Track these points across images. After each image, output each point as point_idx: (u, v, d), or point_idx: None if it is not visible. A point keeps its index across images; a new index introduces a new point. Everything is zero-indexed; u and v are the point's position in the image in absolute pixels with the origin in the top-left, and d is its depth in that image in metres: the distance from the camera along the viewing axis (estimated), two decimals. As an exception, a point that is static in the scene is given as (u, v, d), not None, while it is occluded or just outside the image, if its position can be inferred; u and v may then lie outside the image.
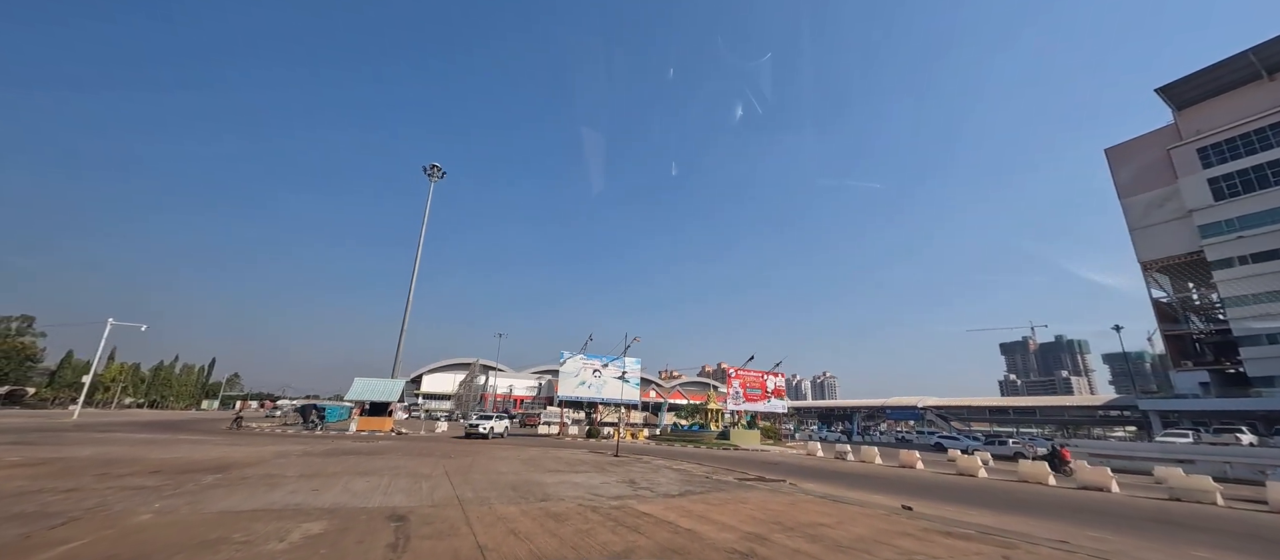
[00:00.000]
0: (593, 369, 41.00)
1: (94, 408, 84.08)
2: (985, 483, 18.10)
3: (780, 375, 48.69)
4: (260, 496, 8.77)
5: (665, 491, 11.49)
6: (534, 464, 16.53)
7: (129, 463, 12.59)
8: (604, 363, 41.48)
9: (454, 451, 20.60)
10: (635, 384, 42.29)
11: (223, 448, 18.23)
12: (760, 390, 46.83)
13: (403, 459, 16.44)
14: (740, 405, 45.44)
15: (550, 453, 22.46)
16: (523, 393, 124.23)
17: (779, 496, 11.47)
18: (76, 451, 14.85)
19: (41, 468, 11.27)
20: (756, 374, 47.40)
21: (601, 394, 40.56)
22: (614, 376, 41.33)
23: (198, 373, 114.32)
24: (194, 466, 12.40)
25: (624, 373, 41.92)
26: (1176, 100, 62.79)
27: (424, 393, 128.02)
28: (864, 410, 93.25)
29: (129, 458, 13.74)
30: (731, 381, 45.90)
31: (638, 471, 15.64)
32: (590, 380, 40.71)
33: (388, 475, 12.16)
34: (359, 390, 37.08)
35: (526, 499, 9.70)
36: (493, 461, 16.87)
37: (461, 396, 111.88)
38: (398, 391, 37.94)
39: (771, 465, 21.88)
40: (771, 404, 47.01)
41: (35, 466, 11.42)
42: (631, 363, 42.31)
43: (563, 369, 40.25)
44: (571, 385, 40.28)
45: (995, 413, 79.91)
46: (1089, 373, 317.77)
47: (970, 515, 10.86)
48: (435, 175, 46.79)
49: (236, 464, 13.25)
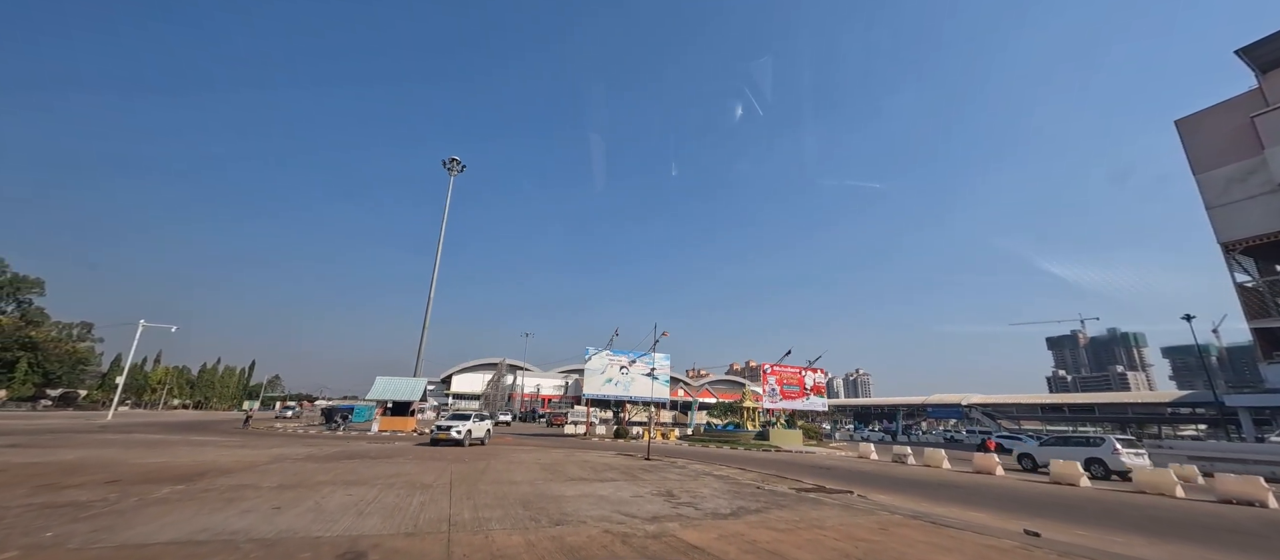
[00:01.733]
0: (620, 366, 38.89)
1: (143, 409, 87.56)
2: (1095, 494, 15.02)
3: (819, 371, 45.51)
4: (201, 518, 6.90)
5: (713, 509, 9.16)
6: (555, 471, 14.44)
7: (94, 470, 11.10)
8: (631, 359, 39.31)
9: (468, 455, 18.77)
10: (665, 381, 39.99)
11: (221, 451, 16.88)
12: (798, 387, 43.79)
13: (409, 464, 14.62)
14: (777, 403, 42.56)
15: (575, 456, 20.40)
16: (550, 392, 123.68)
17: (860, 517, 8.97)
18: (56, 456, 13.58)
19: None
20: (794, 370, 44.38)
21: (629, 392, 38.44)
22: (642, 373, 39.15)
23: (239, 375, 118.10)
24: (165, 474, 10.80)
25: (653, 370, 39.67)
26: (1260, 62, 56.25)
27: (454, 393, 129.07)
28: (903, 408, 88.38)
29: (103, 463, 12.31)
30: (766, 378, 43.05)
31: (674, 479, 13.36)
32: (617, 377, 38.63)
33: (379, 486, 10.25)
34: (380, 389, 36.04)
35: (537, 521, 7.55)
36: (509, 467, 14.89)
37: (489, 396, 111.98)
38: (420, 390, 36.75)
39: (824, 470, 19.22)
40: (810, 402, 43.90)
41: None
42: (660, 359, 40.04)
43: (588, 366, 38.28)
44: (598, 383, 38.28)
45: (1048, 410, 74.08)
46: (1146, 368, 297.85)
47: (1120, 544, 8.14)
48: (455, 169, 45.56)
49: (216, 471, 11.63)
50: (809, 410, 45.90)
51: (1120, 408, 73.04)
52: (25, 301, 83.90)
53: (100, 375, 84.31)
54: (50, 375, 68.85)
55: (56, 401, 68.81)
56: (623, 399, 39.63)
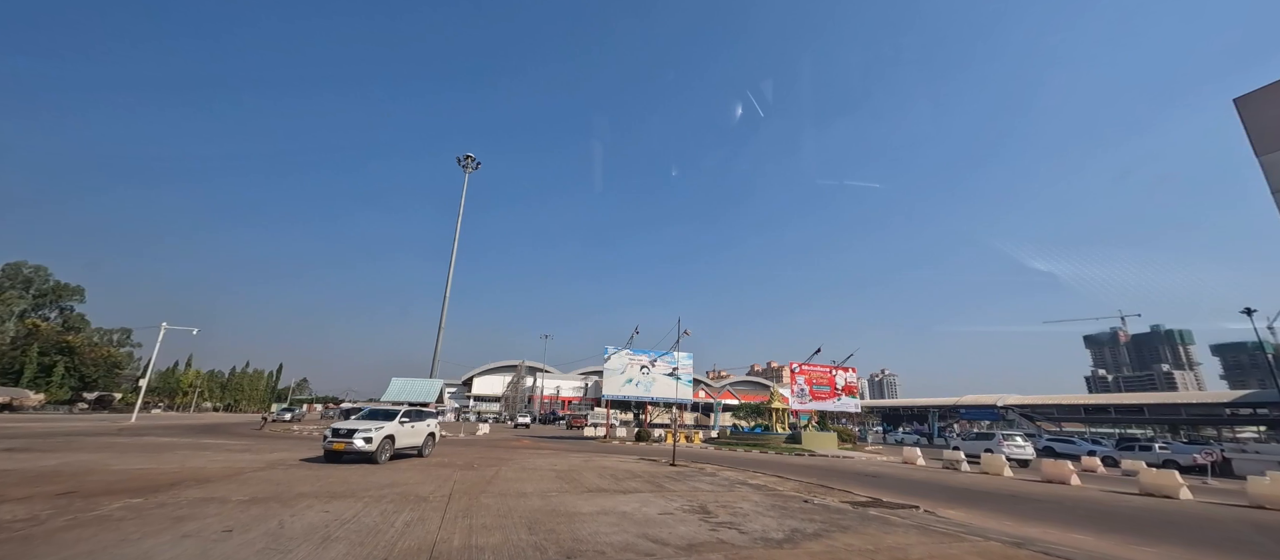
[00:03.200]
0: (640, 365, 37.24)
1: (175, 411, 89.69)
2: (1206, 510, 12.72)
3: (851, 370, 43.04)
4: (124, 547, 5.51)
5: (762, 532, 7.42)
6: (571, 479, 12.88)
7: (61, 478, 9.96)
8: (653, 358, 37.63)
9: (479, 460, 17.37)
10: (688, 382, 38.19)
11: (219, 455, 15.83)
12: (828, 387, 41.45)
13: (411, 471, 13.25)
14: (806, 404, 40.32)
15: (594, 461, 18.82)
16: (569, 393, 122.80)
17: (949, 545, 7.12)
18: (37, 462, 12.60)
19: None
20: (823, 369, 42.05)
21: (651, 393, 36.75)
22: (664, 373, 37.43)
23: (267, 378, 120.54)
24: (133, 484, 9.59)
25: (675, 369, 37.91)
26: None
27: (475, 395, 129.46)
28: (934, 409, 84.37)
29: (79, 470, 11.23)
30: (794, 378, 40.86)
31: (707, 490, 11.65)
32: (638, 377, 36.98)
33: (366, 500, 8.83)
34: (396, 391, 35.21)
35: (543, 551, 5.96)
36: (521, 475, 13.39)
37: (509, 398, 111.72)
38: (436, 391, 35.84)
39: (871, 479, 17.21)
40: (842, 402, 41.49)
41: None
42: (683, 358, 38.25)
43: (608, 365, 36.76)
44: (617, 383, 36.70)
45: (1092, 411, 69.46)
46: (1195, 366, 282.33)
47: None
48: (470, 166, 44.69)
49: (194, 479, 10.40)
50: (840, 412, 43.47)
51: (1172, 408, 68.03)
52: (67, 308, 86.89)
53: (134, 379, 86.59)
54: (86, 379, 70.78)
55: (92, 404, 70.61)
56: (644, 400, 37.98)
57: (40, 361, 65.68)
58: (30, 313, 79.03)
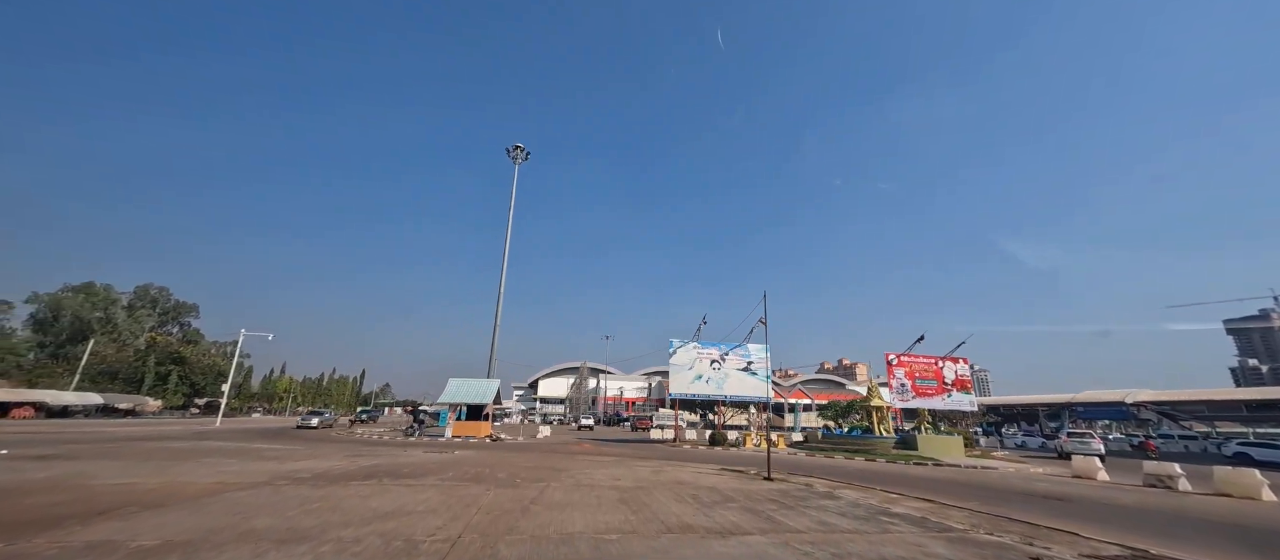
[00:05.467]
0: (710, 359, 33.18)
1: (273, 415, 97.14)
2: None
3: (963, 361, 36.36)
4: None
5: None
6: (639, 504, 9.30)
7: (32, 495, 7.83)
8: (723, 351, 33.45)
9: (527, 470, 14.28)
10: (765, 377, 33.60)
11: (245, 462, 13.89)
12: (935, 381, 35.16)
13: (427, 491, 10.29)
14: (908, 401, 34.38)
15: (666, 473, 15.19)
16: (633, 394, 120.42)
17: None
18: (42, 472, 10.94)
19: None
20: (927, 360, 35.82)
21: (722, 390, 32.60)
22: (737, 369, 33.15)
23: (352, 383, 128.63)
24: (92, 506, 7.20)
25: (749, 364, 33.49)
26: None
27: (541, 397, 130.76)
28: (1044, 407, 72.64)
29: (65, 485, 9.21)
30: (892, 371, 35.02)
31: (845, 526, 7.62)
32: (708, 373, 32.95)
33: (328, 547, 5.75)
34: (453, 392, 33.64)
35: None
36: (571, 495, 10.02)
37: (572, 399, 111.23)
38: (492, 392, 33.88)
39: (1062, 502, 12.22)
40: (953, 399, 35.01)
41: None
42: (758, 350, 33.73)
43: (673, 361, 33.05)
44: (685, 381, 32.88)
45: (1257, 408, 55.70)
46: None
47: None
48: (519, 157, 42.83)
49: (175, 498, 7.94)
50: (951, 410, 36.88)
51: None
52: (185, 323, 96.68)
53: (237, 386, 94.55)
54: (196, 386, 77.59)
55: (202, 409, 77.32)
56: (715, 399, 33.88)
57: (157, 371, 72.61)
58: (156, 328, 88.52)
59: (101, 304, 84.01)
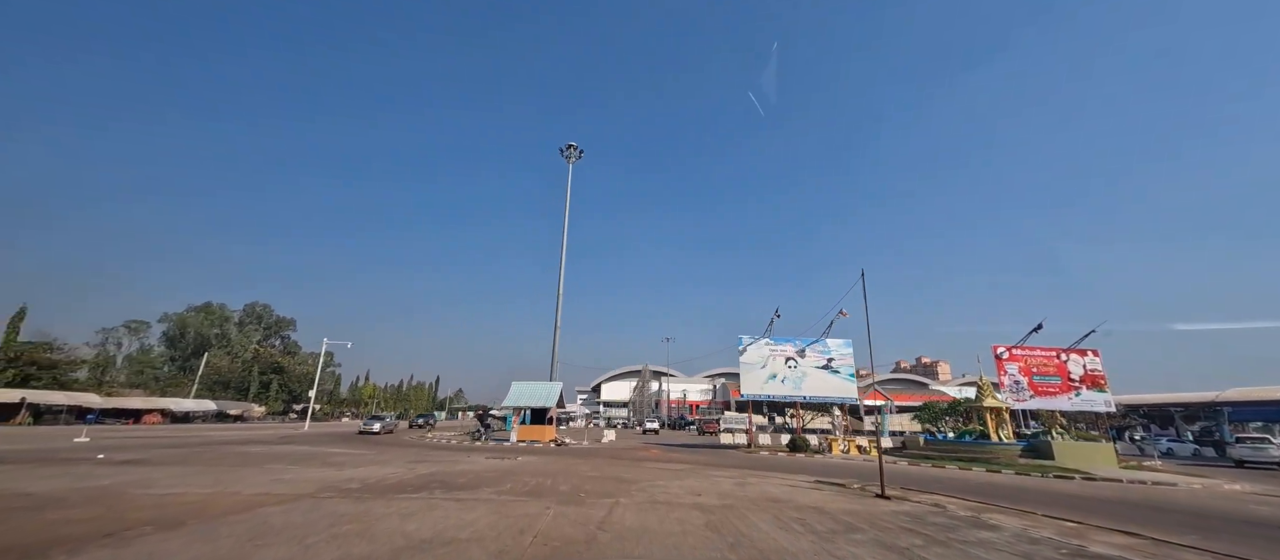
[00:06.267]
0: (785, 357, 30.20)
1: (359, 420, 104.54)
2: None
3: (1093, 353, 30.80)
4: None
5: None
6: (731, 528, 7.25)
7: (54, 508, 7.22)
8: (800, 347, 30.38)
9: (592, 482, 12.62)
10: (849, 376, 30.10)
11: (300, 469, 13.37)
12: (1058, 377, 30.03)
13: (477, 508, 8.83)
14: (1025, 401, 29.58)
15: (752, 485, 12.96)
16: (697, 397, 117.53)
17: None
18: (92, 480, 10.76)
19: None
20: (1047, 353, 30.76)
21: (800, 390, 29.51)
22: (816, 366, 29.93)
23: (428, 389, 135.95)
24: (152, 516, 6.36)
25: (830, 361, 30.16)
26: None
27: (604, 401, 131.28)
28: (1178, 408, 61.56)
29: (100, 498, 8.71)
30: (1003, 367, 30.35)
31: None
32: (783, 372, 30.00)
33: (434, 549, 4.25)
34: (516, 395, 33.14)
35: None
36: (647, 515, 8.16)
37: (635, 403, 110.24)
38: (555, 395, 33.01)
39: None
40: (1082, 398, 29.66)
41: None
42: (839, 346, 30.30)
43: (744, 359, 30.45)
44: (757, 380, 30.15)
45: None
46: None
47: None
48: (572, 156, 42.09)
49: (229, 511, 7.01)
50: (1081, 411, 31.24)
51: None
52: (285, 336, 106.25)
53: (328, 393, 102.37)
54: (293, 393, 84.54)
55: (299, 414, 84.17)
56: (792, 400, 30.82)
57: (261, 380, 79.84)
58: (261, 342, 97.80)
59: (217, 321, 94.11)
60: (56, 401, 44.96)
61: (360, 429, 38.42)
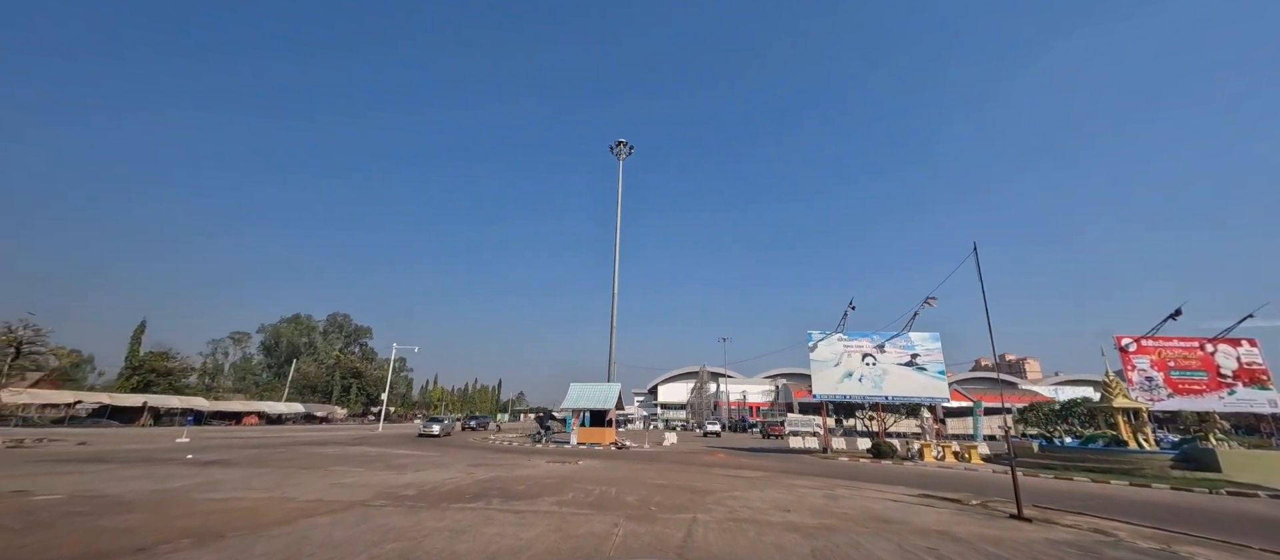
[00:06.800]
0: (861, 353, 27.46)
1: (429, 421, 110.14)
2: None
3: (1249, 343, 25.68)
4: None
5: None
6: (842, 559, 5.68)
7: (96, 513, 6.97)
8: (879, 342, 27.58)
9: (662, 491, 11.32)
10: (938, 373, 26.89)
11: (362, 472, 13.10)
12: (1205, 372, 25.33)
13: (571, 511, 7.77)
14: (1161, 400, 25.20)
15: (842, 496, 11.15)
16: (758, 398, 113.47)
17: None
18: (192, 477, 10.83)
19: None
20: (1187, 344, 26.11)
21: (881, 390, 26.65)
22: (897, 363, 26.97)
23: (492, 392, 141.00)
24: (198, 525, 5.90)
25: (914, 357, 27.11)
26: None
27: (661, 403, 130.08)
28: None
29: (156, 503, 8.52)
30: (1129, 361, 26.08)
31: None
32: (859, 370, 27.29)
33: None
34: (575, 397, 32.59)
35: None
36: (736, 544, 6.75)
37: (693, 404, 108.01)
38: (614, 397, 32.15)
39: None
40: (1237, 397, 24.73)
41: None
42: (924, 340, 27.14)
43: (815, 356, 28.07)
44: (830, 379, 27.62)
45: None
46: None
47: None
48: (622, 152, 41.28)
49: (274, 523, 6.46)
50: (1236, 412, 26.04)
51: None
52: (363, 344, 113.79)
53: (400, 396, 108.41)
54: (370, 396, 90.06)
55: (376, 416, 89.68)
56: (871, 400, 27.99)
57: (341, 384, 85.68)
58: (342, 349, 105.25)
59: (305, 331, 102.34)
60: (172, 405, 50.02)
61: (419, 432, 38.32)
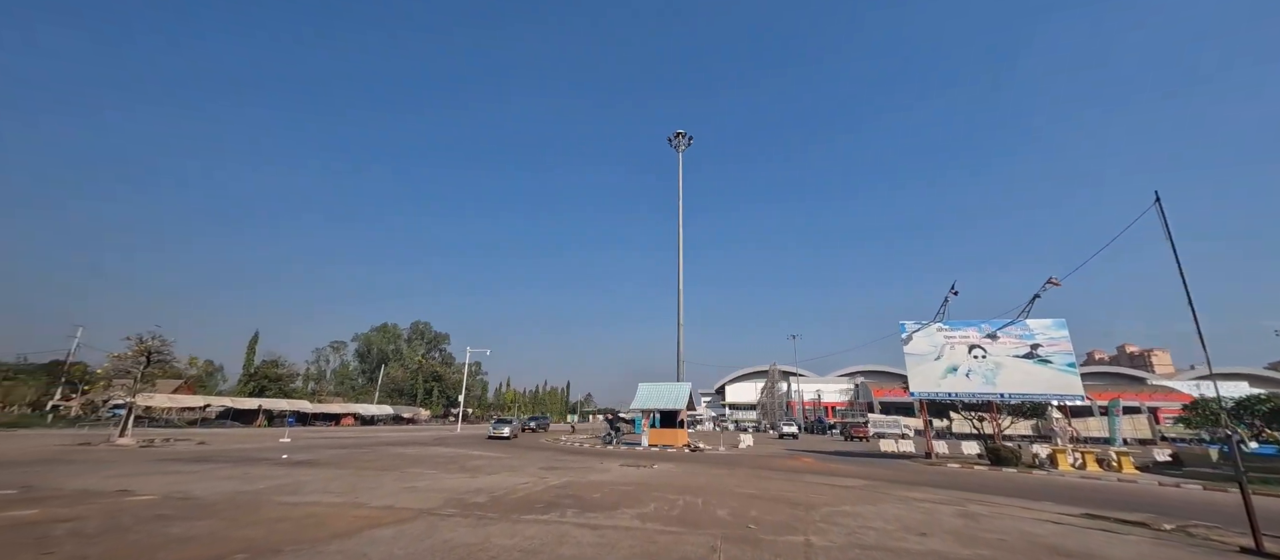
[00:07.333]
0: (967, 344, 23.99)
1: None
2: None
3: None
4: None
5: None
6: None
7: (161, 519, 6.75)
8: (990, 331, 24.04)
9: (757, 505, 9.79)
10: (1067, 365, 22.86)
11: (436, 476, 12.75)
12: None
13: (657, 528, 6.59)
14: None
15: (977, 512, 9.07)
16: (834, 398, 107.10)
17: None
18: (276, 478, 10.91)
19: None
20: None
21: (995, 385, 23.11)
22: (1013, 354, 23.29)
23: (561, 393, 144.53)
24: (265, 533, 5.46)
25: (1035, 347, 23.29)
26: None
27: (729, 403, 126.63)
28: None
29: (235, 505, 8.34)
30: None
31: None
32: (965, 363, 23.84)
33: None
34: (643, 397, 31.59)
35: None
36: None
37: (765, 404, 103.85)
38: (685, 397, 30.78)
39: None
40: None
41: None
42: (1047, 327, 23.21)
43: (909, 349, 25.02)
44: (930, 375, 24.45)
45: None
46: None
47: None
48: (681, 144, 39.85)
49: (332, 537, 5.91)
50: None
51: None
52: (443, 349, 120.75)
53: (476, 398, 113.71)
54: (450, 398, 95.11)
55: (456, 418, 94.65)
56: (984, 398, 24.37)
57: (424, 387, 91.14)
58: (424, 355, 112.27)
59: (392, 338, 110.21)
60: (282, 407, 55.28)
61: (489, 434, 37.07)
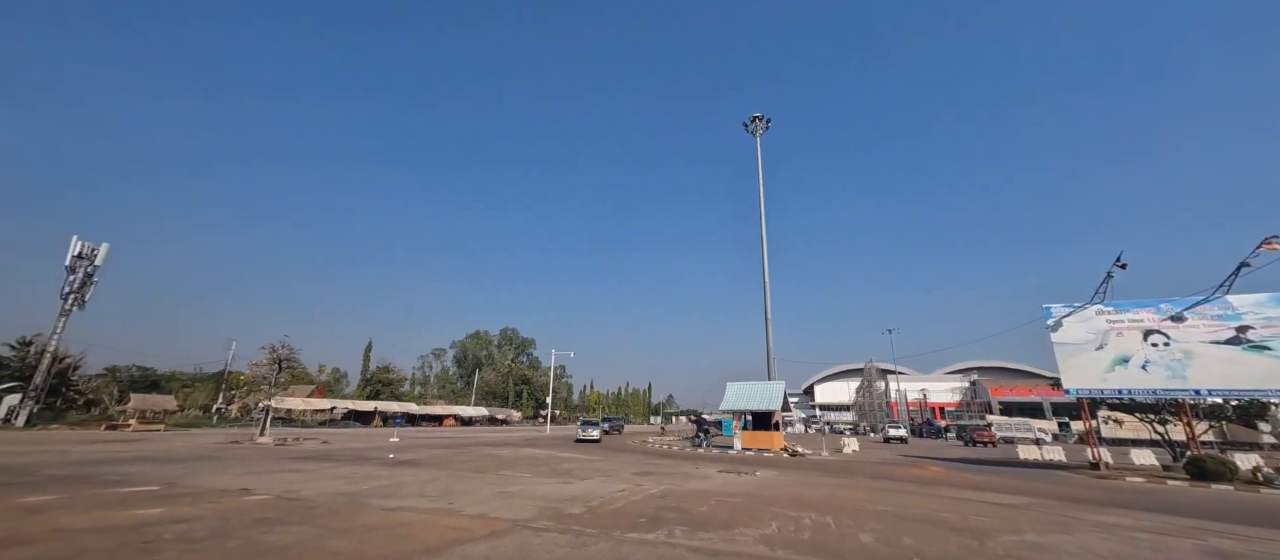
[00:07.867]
0: (1142, 329, 19.38)
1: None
2: None
3: None
4: None
5: None
6: None
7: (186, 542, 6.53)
8: (1174, 312, 19.35)
9: (911, 533, 7.92)
10: None
11: (543, 480, 12.21)
12: None
13: (784, 553, 5.20)
14: None
15: (1232, 551, 6.40)
16: (941, 398, 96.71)
17: None
18: (378, 480, 10.97)
19: None
20: None
21: (1186, 380, 18.40)
22: (1209, 340, 18.44)
23: (643, 395, 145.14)
24: (352, 545, 5.00)
25: (1242, 329, 18.27)
26: None
27: (818, 404, 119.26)
28: None
29: (362, 506, 8.15)
30: None
31: None
32: (1141, 352, 19.35)
33: None
34: (733, 398, 29.76)
35: None
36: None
37: (861, 404, 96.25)
38: (778, 397, 28.50)
39: None
40: None
41: None
42: (1261, 305, 18.15)
43: (1058, 337, 20.85)
44: (1092, 368, 20.04)
45: None
46: None
47: None
48: (758, 128, 37.49)
49: (414, 553, 5.31)
50: None
51: None
52: (530, 354, 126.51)
53: (563, 399, 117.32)
54: (538, 400, 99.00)
55: (545, 419, 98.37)
56: (1169, 395, 19.55)
57: (515, 390, 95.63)
58: (514, 359, 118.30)
59: (484, 344, 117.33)
60: (393, 409, 60.50)
61: (576, 437, 35.30)
